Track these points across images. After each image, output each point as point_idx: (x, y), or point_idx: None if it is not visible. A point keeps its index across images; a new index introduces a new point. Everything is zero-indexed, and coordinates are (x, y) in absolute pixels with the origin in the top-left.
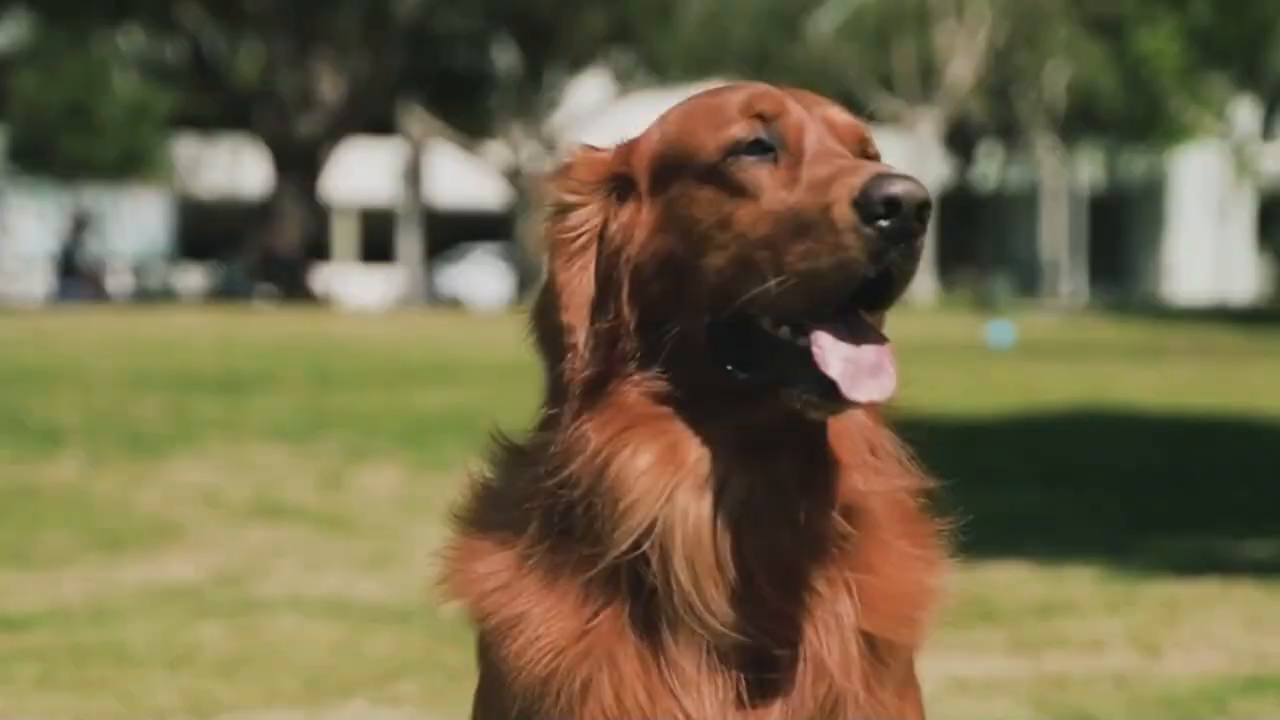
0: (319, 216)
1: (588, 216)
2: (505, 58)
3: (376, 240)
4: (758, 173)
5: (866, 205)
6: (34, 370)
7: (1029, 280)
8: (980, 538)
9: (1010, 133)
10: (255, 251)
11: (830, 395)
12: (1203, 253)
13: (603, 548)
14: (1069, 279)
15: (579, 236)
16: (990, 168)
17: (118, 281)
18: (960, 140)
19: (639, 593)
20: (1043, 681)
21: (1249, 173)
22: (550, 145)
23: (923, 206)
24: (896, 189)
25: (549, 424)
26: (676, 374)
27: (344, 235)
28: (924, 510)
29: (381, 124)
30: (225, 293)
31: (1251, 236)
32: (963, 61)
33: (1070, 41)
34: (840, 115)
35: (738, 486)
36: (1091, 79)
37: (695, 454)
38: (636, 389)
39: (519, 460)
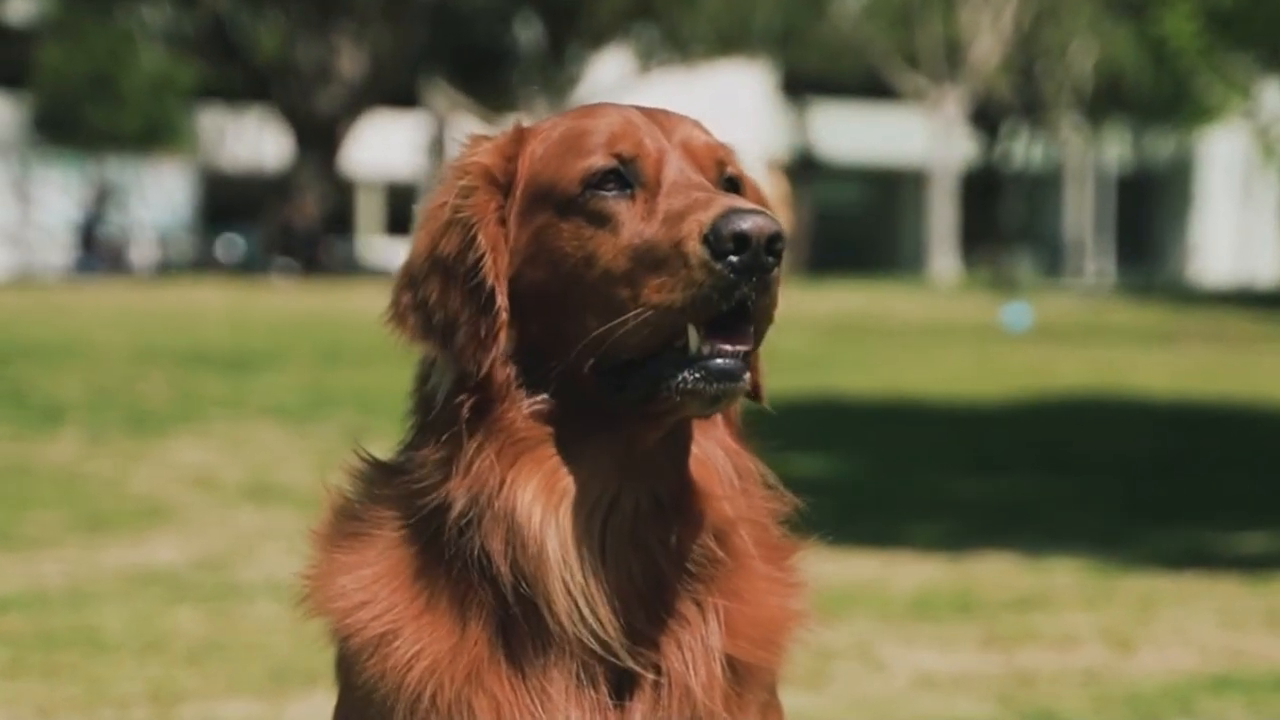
0: (340, 190)
1: (494, 201)
2: (528, 33)
3: (402, 213)
4: (616, 206)
5: (716, 241)
6: (43, 345)
7: (1053, 261)
8: (971, 528)
9: (1035, 112)
10: (274, 225)
11: (705, 372)
12: (1228, 234)
13: (479, 570)
14: (1094, 259)
15: (490, 215)
16: (1015, 147)
17: (140, 254)
18: (985, 119)
19: (509, 615)
20: (1012, 678)
21: (1275, 154)
22: None
23: (773, 240)
24: (745, 224)
25: (422, 439)
26: (560, 399)
27: (369, 208)
28: (787, 535)
29: (406, 98)
30: (244, 266)
31: (1277, 218)
32: (988, 40)
33: (1095, 20)
34: (698, 138)
35: (622, 506)
36: (1117, 58)
37: (578, 477)
38: (523, 412)
39: (384, 477)
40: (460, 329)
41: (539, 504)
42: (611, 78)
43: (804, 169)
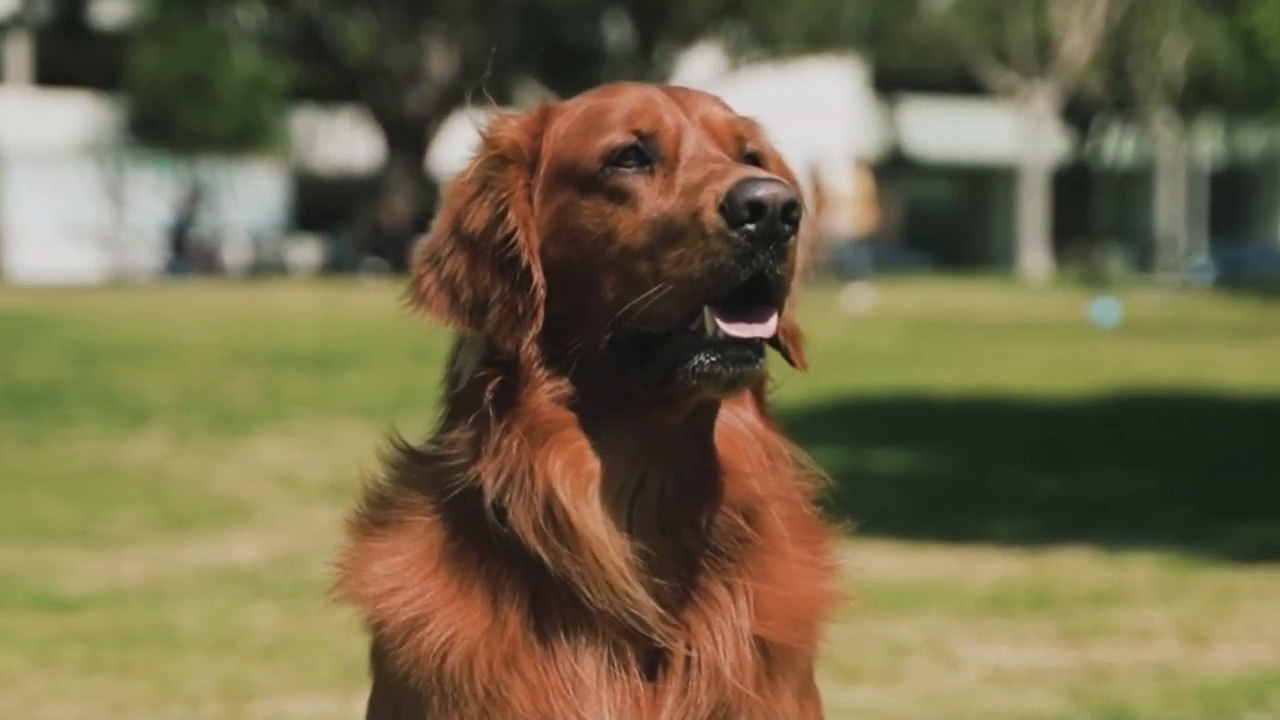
0: (429, 190)
1: (523, 177)
2: (617, 31)
3: None
4: (635, 182)
5: (732, 210)
6: (132, 346)
7: (1145, 257)
8: (1050, 523)
9: (1127, 107)
10: (364, 225)
11: (721, 354)
12: None
13: (511, 552)
14: (1186, 255)
15: (520, 190)
16: (1106, 143)
17: (233, 255)
18: (1076, 115)
19: (541, 597)
20: (1084, 673)
21: None
22: None
23: (789, 208)
24: (760, 193)
25: (450, 422)
26: (583, 380)
27: None
28: (819, 516)
29: (498, 98)
30: (334, 266)
31: None
32: (1079, 35)
33: (1187, 14)
34: (718, 114)
35: (647, 489)
36: (1209, 52)
37: (603, 460)
38: (546, 395)
39: (416, 464)
40: (493, 307)
41: (569, 485)
42: (701, 75)
43: (894, 166)
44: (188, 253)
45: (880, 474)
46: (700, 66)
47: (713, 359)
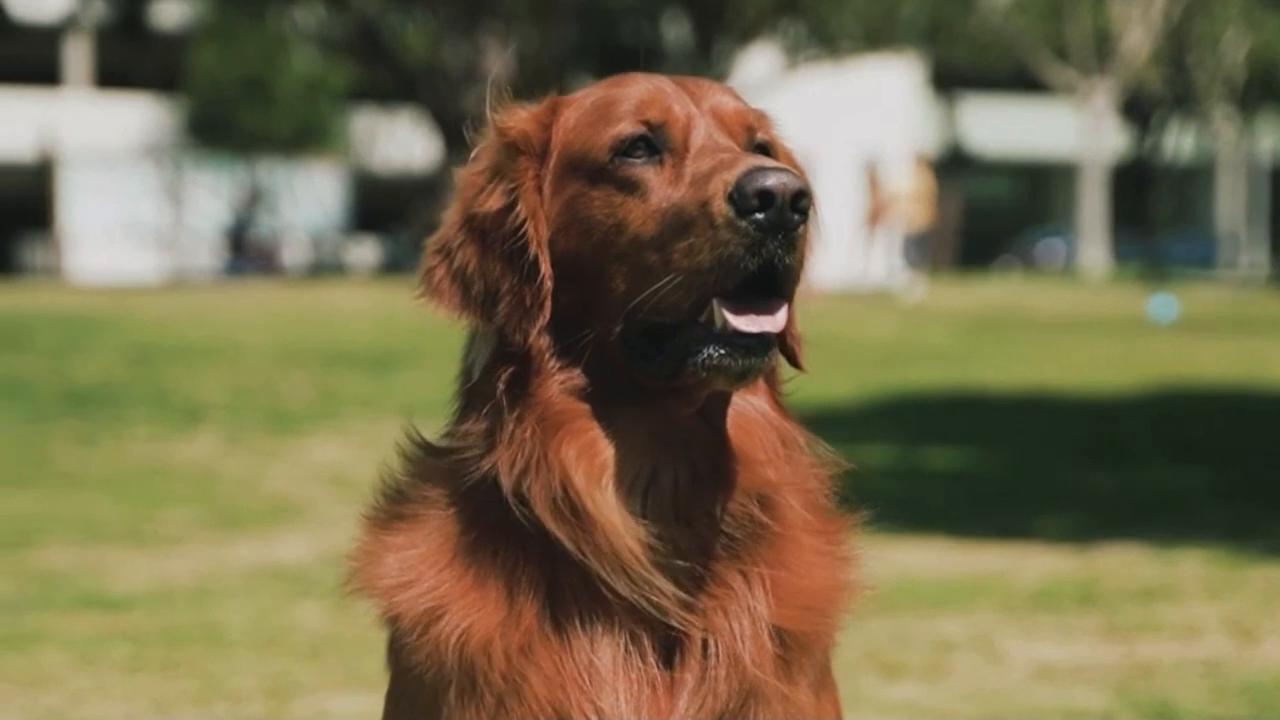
0: None
1: (533, 167)
2: (675, 30)
3: None
4: (645, 172)
5: (741, 199)
6: (187, 346)
7: (1205, 253)
8: (1101, 520)
9: (1187, 103)
10: (422, 225)
11: (730, 347)
12: None
13: (527, 542)
14: (1247, 251)
15: (530, 181)
16: (1166, 139)
17: (292, 255)
18: (1136, 111)
19: (557, 587)
20: (1131, 668)
21: None
22: None
23: (798, 197)
24: (769, 181)
25: (464, 414)
26: (594, 371)
27: None
28: (836, 505)
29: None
30: (393, 266)
31: None
32: (1138, 32)
33: (1247, 10)
34: (728, 104)
35: (660, 480)
36: (1270, 48)
37: (616, 450)
38: (559, 387)
39: (432, 458)
40: (503, 298)
41: (582, 474)
42: (759, 74)
43: (954, 163)
44: (246, 253)
45: (932, 471)
46: (758, 65)
47: (721, 352)
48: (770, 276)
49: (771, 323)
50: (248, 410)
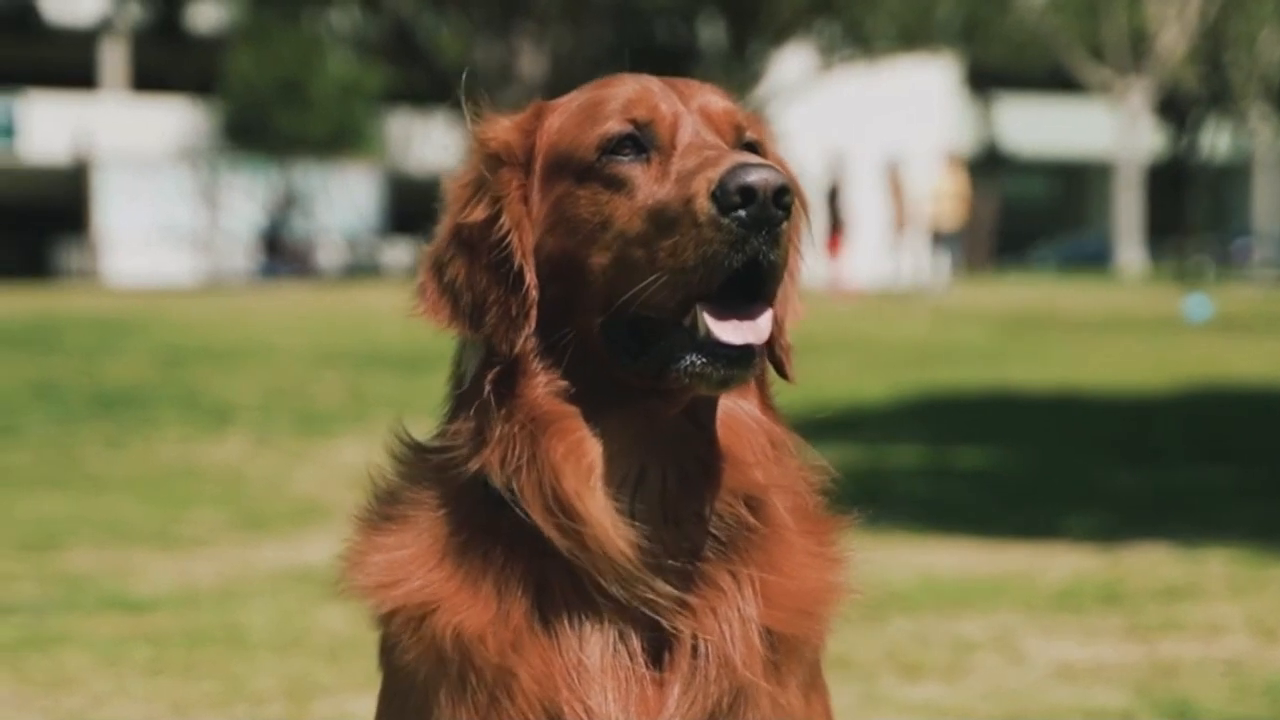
0: None
1: (516, 177)
2: (709, 30)
3: None
4: (631, 170)
5: (723, 196)
6: (219, 348)
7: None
8: (1127, 519)
9: (1224, 102)
10: None
11: (711, 353)
12: None
13: (515, 541)
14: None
15: (515, 192)
16: (1203, 138)
17: (327, 257)
18: (1172, 110)
19: (546, 586)
20: (1152, 668)
21: None
22: None
23: (781, 193)
24: (751, 178)
25: (456, 417)
26: (579, 372)
27: None
28: (825, 508)
29: None
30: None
31: None
32: (1174, 31)
33: None
34: (717, 104)
35: (647, 480)
36: None
37: (603, 450)
38: (544, 389)
39: (422, 458)
40: (490, 308)
41: (570, 474)
42: (794, 74)
43: (989, 163)
44: (281, 255)
45: (961, 470)
46: (792, 65)
47: (703, 360)
48: (755, 273)
49: (755, 333)
50: (278, 412)
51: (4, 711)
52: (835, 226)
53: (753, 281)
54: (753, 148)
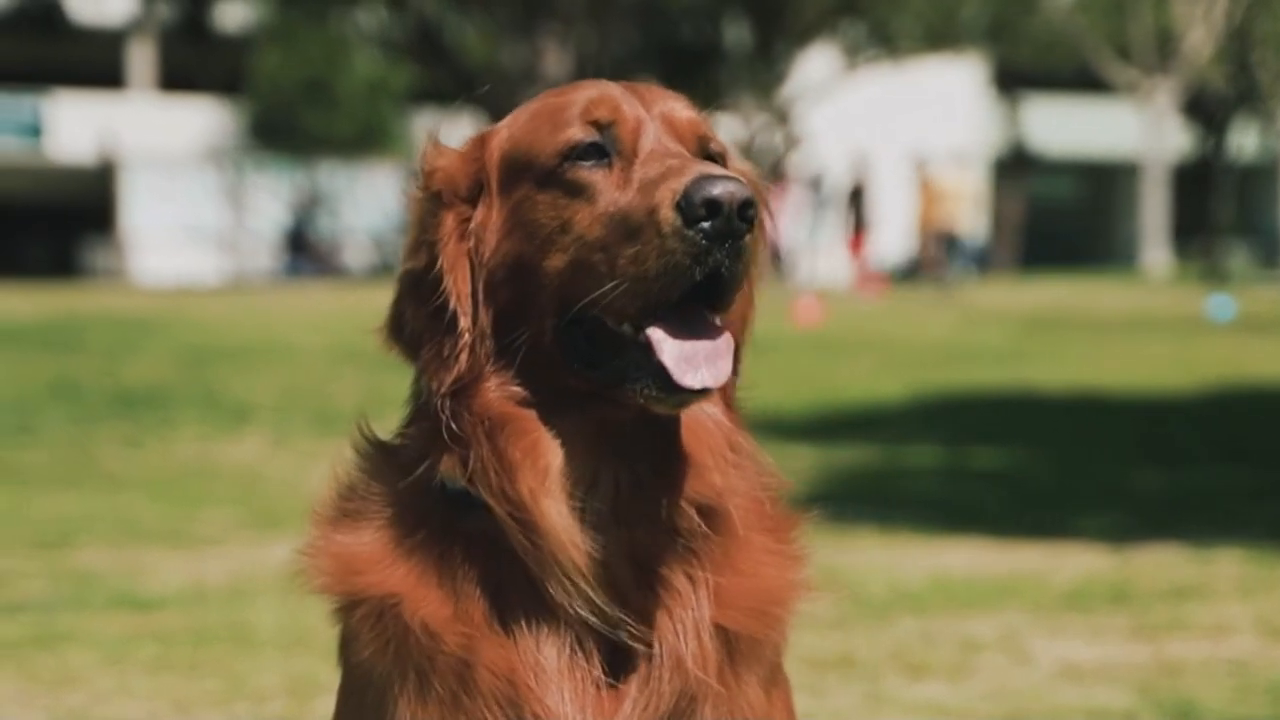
0: None
1: (456, 215)
2: (734, 31)
3: None
4: (593, 176)
5: (688, 208)
6: (241, 348)
7: (1269, 253)
8: (1141, 519)
9: (1251, 102)
10: None
11: (668, 386)
12: None
13: (474, 546)
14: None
15: (451, 234)
16: (1230, 138)
17: (353, 257)
18: (1200, 110)
19: (502, 588)
20: (1157, 668)
21: None
22: (782, 117)
23: (745, 206)
24: (716, 190)
25: (414, 421)
26: (532, 376)
27: None
28: (783, 508)
29: None
30: None
31: None
32: (1201, 30)
33: None
34: (680, 112)
35: (600, 484)
36: None
37: (558, 453)
38: (496, 391)
39: (383, 457)
40: (425, 345)
41: (527, 477)
42: (819, 75)
43: (1017, 163)
44: (306, 255)
45: (977, 471)
46: (818, 65)
47: (655, 389)
48: (715, 284)
49: (714, 375)
50: (296, 411)
51: (7, 709)
52: (858, 226)
53: (712, 291)
54: (716, 158)
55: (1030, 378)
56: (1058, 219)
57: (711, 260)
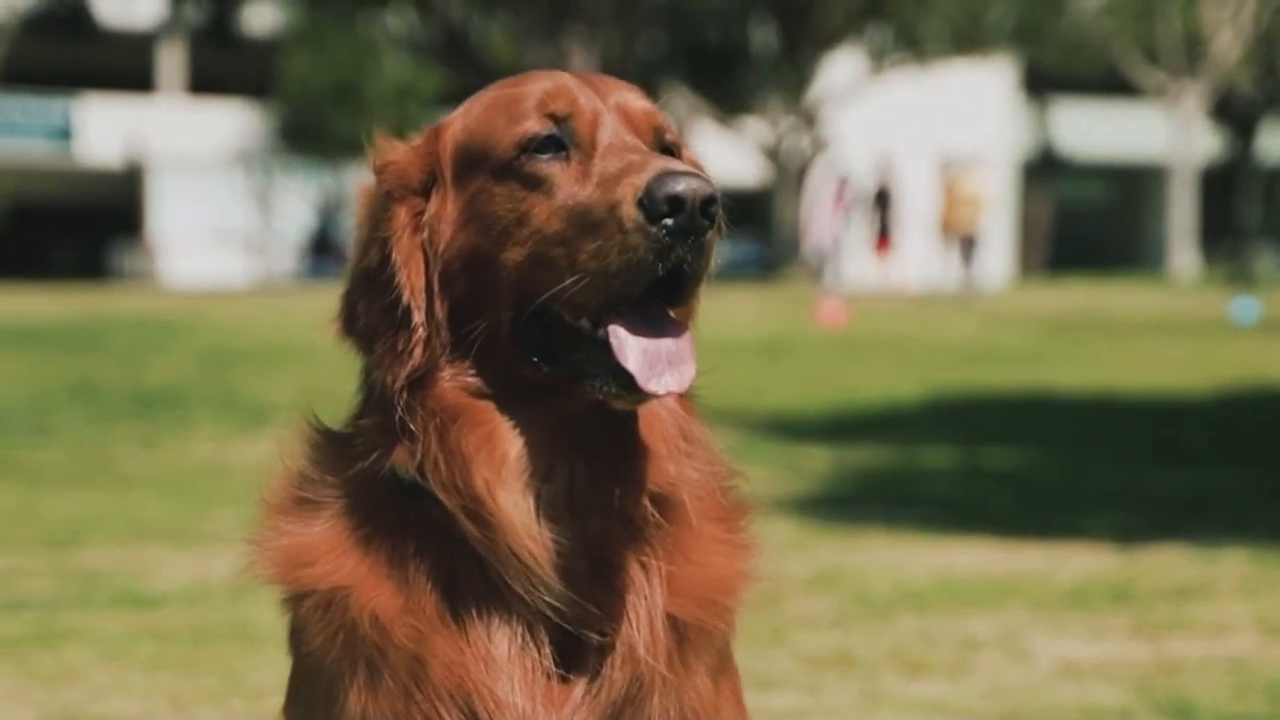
0: None
1: (409, 209)
2: (760, 34)
3: None
4: (551, 169)
5: (651, 204)
6: (262, 348)
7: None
8: (1149, 519)
9: (1279, 106)
10: None
11: (629, 387)
12: None
13: (423, 534)
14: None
15: (404, 229)
16: (1258, 141)
17: None
18: (1228, 114)
19: (453, 578)
20: (1155, 666)
21: None
22: (809, 120)
23: (708, 203)
24: (679, 187)
25: (366, 412)
26: (487, 368)
27: None
28: (734, 498)
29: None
30: None
31: None
32: (1229, 34)
33: None
34: (636, 104)
35: (556, 475)
36: None
37: (514, 444)
38: (450, 382)
39: (334, 447)
40: (379, 339)
41: (482, 468)
42: (845, 78)
43: (1045, 166)
44: (329, 256)
45: (988, 471)
46: (844, 69)
47: (616, 387)
48: (676, 279)
49: (678, 380)
50: (314, 412)
51: (2, 705)
52: (883, 229)
53: (672, 287)
54: (671, 150)
55: (1049, 379)
56: (1086, 222)
57: (674, 256)
